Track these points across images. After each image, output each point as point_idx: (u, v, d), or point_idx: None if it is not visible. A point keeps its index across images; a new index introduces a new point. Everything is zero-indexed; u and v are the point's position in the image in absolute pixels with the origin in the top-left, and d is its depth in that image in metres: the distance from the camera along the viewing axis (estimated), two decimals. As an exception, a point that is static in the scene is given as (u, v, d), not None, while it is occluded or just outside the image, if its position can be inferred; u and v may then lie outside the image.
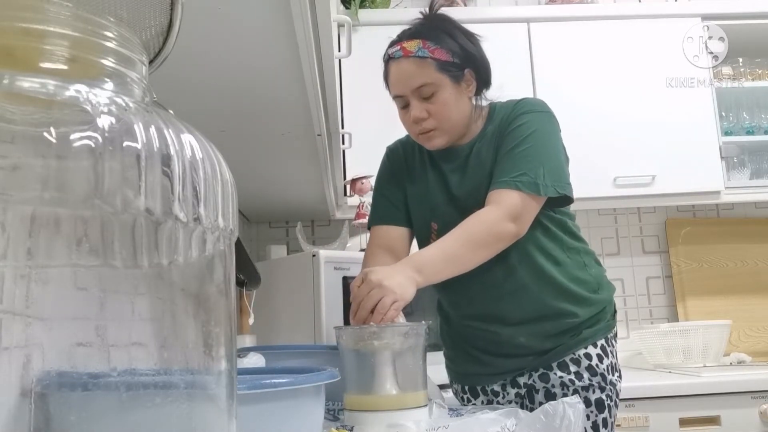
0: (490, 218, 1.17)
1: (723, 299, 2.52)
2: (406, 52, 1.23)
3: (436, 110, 1.24)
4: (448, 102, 1.24)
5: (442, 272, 1.15)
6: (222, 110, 1.23)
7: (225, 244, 0.42)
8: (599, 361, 1.26)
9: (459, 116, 1.27)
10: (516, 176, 1.19)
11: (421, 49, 1.22)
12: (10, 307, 0.34)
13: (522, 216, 1.18)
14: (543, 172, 1.19)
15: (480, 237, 1.16)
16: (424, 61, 1.22)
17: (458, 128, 1.29)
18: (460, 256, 1.15)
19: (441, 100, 1.23)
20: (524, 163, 1.20)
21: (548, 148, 1.24)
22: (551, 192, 1.20)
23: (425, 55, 1.22)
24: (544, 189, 1.19)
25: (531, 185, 1.18)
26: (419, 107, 1.24)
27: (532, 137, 1.22)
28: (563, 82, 2.28)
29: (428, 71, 1.22)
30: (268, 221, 2.57)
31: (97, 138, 0.34)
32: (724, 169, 2.31)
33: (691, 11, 2.39)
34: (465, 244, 1.15)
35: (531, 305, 1.27)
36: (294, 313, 1.77)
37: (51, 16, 0.37)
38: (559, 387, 1.25)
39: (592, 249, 1.38)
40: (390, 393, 0.98)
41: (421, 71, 1.22)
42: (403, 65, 1.24)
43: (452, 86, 1.24)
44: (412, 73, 1.23)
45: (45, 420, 0.36)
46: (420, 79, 1.23)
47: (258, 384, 0.71)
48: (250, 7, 0.83)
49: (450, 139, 1.29)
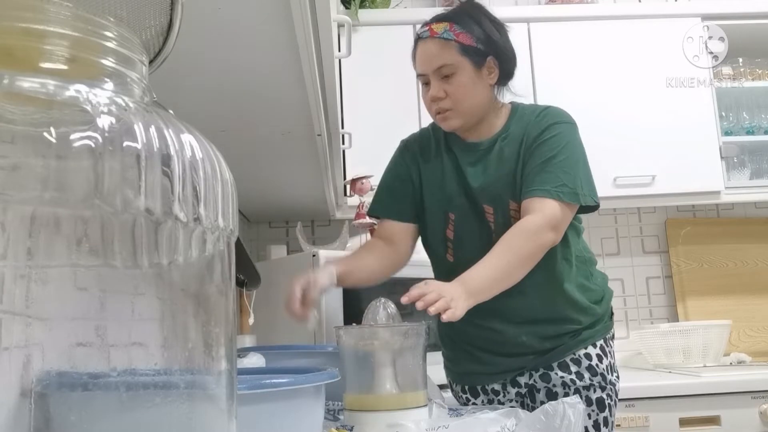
0: (533, 229, 1.19)
1: (723, 299, 2.52)
2: (433, 32, 1.28)
3: (453, 91, 1.27)
4: (465, 85, 1.27)
5: (493, 291, 1.17)
6: (222, 110, 1.23)
7: (225, 244, 0.42)
8: (599, 361, 1.28)
9: (475, 101, 1.29)
10: (557, 186, 1.22)
11: (447, 31, 1.27)
12: (10, 307, 0.34)
13: (560, 225, 1.22)
14: (581, 182, 1.24)
15: (526, 250, 1.18)
16: (448, 42, 1.26)
17: (474, 113, 1.30)
18: (511, 275, 1.18)
19: (458, 81, 1.27)
20: (563, 174, 1.23)
21: (581, 159, 1.28)
22: (589, 201, 1.25)
23: (450, 38, 1.26)
24: (583, 198, 1.24)
25: (571, 195, 1.22)
26: (437, 86, 1.28)
27: (567, 148, 1.26)
28: (563, 82, 2.27)
29: (450, 53, 1.26)
30: (268, 221, 2.57)
31: (97, 138, 0.34)
32: (724, 169, 2.31)
33: (691, 11, 2.39)
34: (515, 261, 1.17)
35: (537, 307, 1.28)
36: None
37: (51, 16, 0.37)
38: (560, 386, 1.27)
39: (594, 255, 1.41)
40: (390, 393, 0.98)
41: (443, 52, 1.26)
42: (428, 45, 1.28)
43: (472, 70, 1.27)
44: (435, 53, 1.27)
45: (45, 420, 0.36)
46: (441, 60, 1.26)
47: (258, 384, 0.71)
48: (250, 7, 0.83)
49: (466, 122, 1.31)
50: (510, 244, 1.18)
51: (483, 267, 1.15)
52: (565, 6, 2.43)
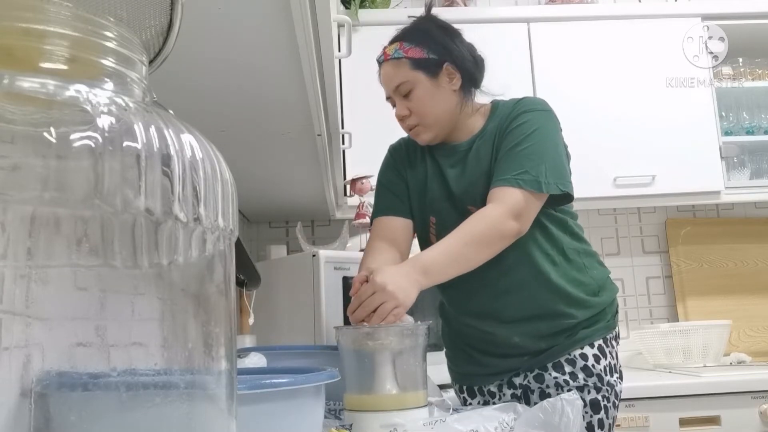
0: (492, 216, 1.17)
1: (723, 299, 2.52)
2: (386, 55, 1.31)
3: (415, 107, 1.29)
4: (425, 97, 1.28)
5: (446, 272, 1.16)
6: (222, 110, 1.23)
7: (225, 244, 0.42)
8: (596, 362, 1.26)
9: (439, 110, 1.29)
10: (517, 174, 1.20)
11: (397, 51, 1.29)
12: (10, 307, 0.34)
13: (524, 214, 1.19)
14: (545, 169, 1.20)
15: (483, 235, 1.17)
16: (399, 61, 1.28)
17: (443, 122, 1.30)
18: (463, 255, 1.16)
19: (417, 96, 1.28)
20: (526, 161, 1.21)
21: (549, 146, 1.25)
22: (553, 189, 1.21)
23: (400, 56, 1.28)
24: (546, 186, 1.20)
25: (533, 183, 1.19)
26: (401, 105, 1.31)
27: (533, 136, 1.23)
28: (563, 82, 2.27)
29: (403, 71, 1.28)
30: (268, 221, 2.57)
31: (97, 138, 0.34)
32: (724, 169, 2.31)
33: (691, 11, 2.39)
34: (468, 243, 1.16)
35: (526, 305, 1.27)
36: (294, 313, 1.77)
37: (51, 16, 0.37)
38: (554, 387, 1.25)
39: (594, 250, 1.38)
40: (390, 393, 0.98)
41: (397, 71, 1.29)
42: (385, 68, 1.32)
43: (428, 82, 1.28)
44: (390, 75, 1.30)
45: (45, 420, 0.36)
46: (396, 79, 1.29)
47: (258, 384, 0.71)
48: (250, 7, 0.83)
49: (438, 133, 1.31)
50: (465, 227, 1.17)
51: (437, 248, 1.16)
52: (565, 6, 2.43)
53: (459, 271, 1.18)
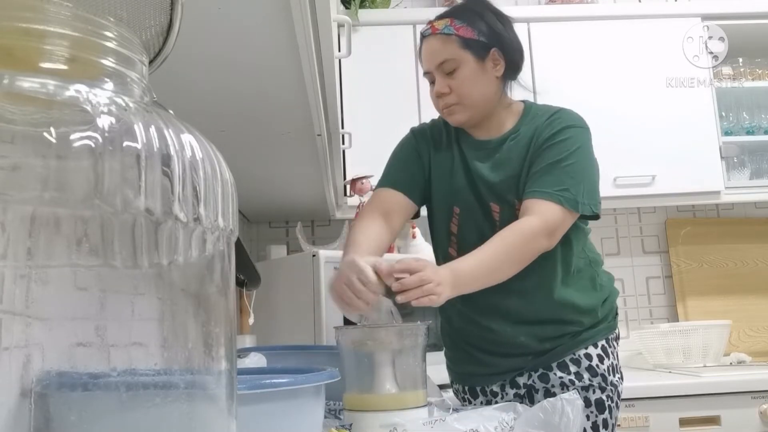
0: (530, 233, 1.17)
1: (723, 299, 2.52)
2: (434, 29, 1.28)
3: (457, 85, 1.27)
4: (469, 78, 1.27)
5: (478, 285, 1.16)
6: (222, 110, 1.23)
7: (225, 244, 0.42)
8: (599, 362, 1.27)
9: (481, 93, 1.29)
10: (560, 191, 1.21)
11: (447, 27, 1.27)
12: (10, 307, 0.34)
13: (557, 232, 1.21)
14: (583, 189, 1.23)
15: (517, 252, 1.17)
16: (448, 37, 1.26)
17: (481, 106, 1.30)
18: (498, 271, 1.17)
19: (462, 75, 1.27)
20: (568, 178, 1.22)
21: (589, 167, 1.27)
22: (587, 210, 1.23)
23: (450, 32, 1.26)
24: (582, 207, 1.22)
25: (572, 202, 1.21)
26: (442, 82, 1.28)
27: (576, 154, 1.25)
28: (563, 82, 2.27)
29: (451, 47, 1.26)
30: (268, 221, 2.57)
31: (97, 138, 0.34)
32: (724, 169, 2.31)
33: (691, 11, 2.39)
34: (505, 258, 1.16)
35: (536, 308, 1.27)
36: (294, 313, 1.77)
37: (51, 16, 0.37)
38: (559, 387, 1.26)
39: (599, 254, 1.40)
40: (390, 393, 0.98)
41: (444, 47, 1.27)
42: (431, 42, 1.29)
43: (475, 63, 1.27)
44: (437, 50, 1.28)
45: (45, 420, 0.36)
46: (443, 55, 1.27)
47: (258, 384, 0.71)
48: (250, 7, 0.83)
49: (473, 116, 1.30)
50: (505, 242, 1.17)
51: (474, 259, 1.15)
52: (565, 6, 2.43)
53: (490, 284, 1.18)
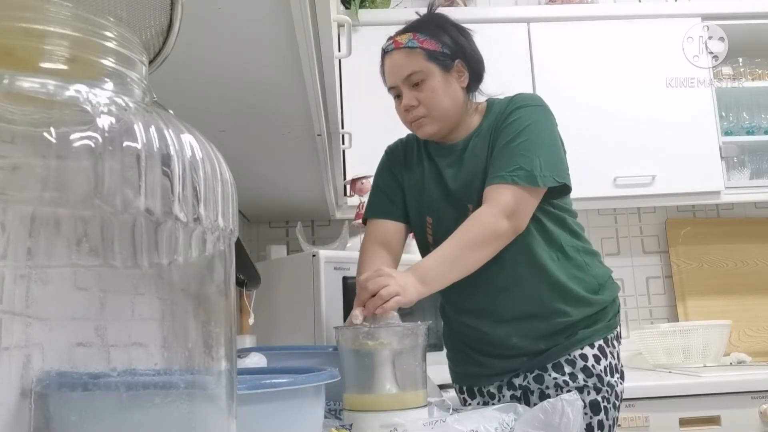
0: (485, 218, 1.18)
1: (723, 299, 2.52)
2: (397, 44, 1.29)
3: (425, 97, 1.27)
4: (436, 89, 1.27)
5: (444, 278, 1.17)
6: (222, 110, 1.23)
7: (225, 244, 0.42)
8: (596, 362, 1.25)
9: (449, 104, 1.29)
10: (512, 170, 1.20)
11: (411, 40, 1.27)
12: (10, 307, 0.34)
13: (517, 212, 1.19)
14: (539, 163, 1.20)
15: (477, 237, 1.17)
16: (413, 51, 1.27)
17: (449, 117, 1.30)
18: (460, 260, 1.17)
19: (429, 87, 1.27)
20: (519, 156, 1.21)
21: (544, 140, 1.25)
22: (550, 182, 1.21)
23: (414, 45, 1.27)
24: (542, 180, 1.20)
25: (528, 177, 1.19)
26: (409, 95, 1.28)
27: (527, 131, 1.24)
28: (563, 82, 2.27)
29: (417, 60, 1.27)
30: (268, 221, 2.57)
31: (97, 138, 0.34)
32: (724, 169, 2.31)
33: (691, 11, 2.39)
34: (464, 246, 1.17)
35: (523, 302, 1.26)
36: (294, 313, 1.77)
37: (51, 16, 0.37)
38: (553, 388, 1.24)
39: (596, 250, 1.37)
40: (390, 393, 0.98)
41: (410, 60, 1.27)
42: (395, 57, 1.29)
43: (441, 75, 1.27)
44: (402, 63, 1.28)
45: (45, 420, 0.36)
46: (409, 68, 1.27)
47: (258, 384, 0.71)
48: (250, 7, 0.83)
49: (442, 127, 1.31)
50: (460, 232, 1.18)
51: (433, 255, 1.17)
52: (565, 6, 2.43)
53: (458, 275, 1.18)
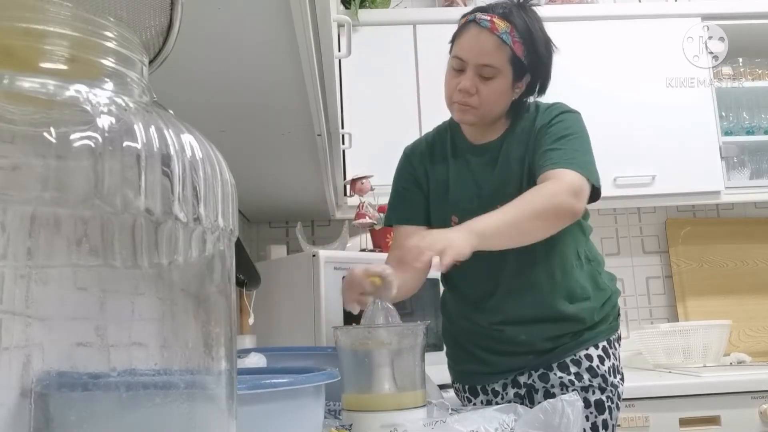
0: (553, 190, 1.15)
1: (723, 299, 2.52)
2: (494, 27, 1.22)
3: (487, 93, 1.25)
4: (499, 92, 1.26)
5: (499, 237, 1.12)
6: (222, 110, 1.23)
7: (225, 244, 0.42)
8: (600, 363, 1.26)
9: (500, 108, 1.30)
10: (569, 159, 1.20)
11: (507, 34, 1.22)
12: (10, 307, 0.34)
13: (580, 193, 1.17)
14: (589, 161, 1.23)
15: (541, 207, 1.13)
16: (504, 46, 1.23)
17: (491, 117, 1.31)
18: (519, 224, 1.12)
19: (495, 86, 1.25)
20: (573, 150, 1.22)
21: (589, 146, 1.27)
22: (595, 180, 1.22)
23: (508, 41, 1.22)
24: (591, 175, 1.20)
25: (584, 169, 1.19)
26: (473, 80, 1.24)
27: (577, 132, 1.26)
28: (563, 82, 2.26)
29: (501, 56, 1.23)
30: (268, 221, 2.57)
31: (97, 138, 0.34)
32: (724, 169, 2.31)
33: (691, 11, 2.39)
34: (525, 212, 1.12)
35: (538, 305, 1.27)
36: (294, 313, 1.77)
37: (51, 16, 0.37)
38: (558, 387, 1.25)
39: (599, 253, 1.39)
40: (388, 393, 0.98)
41: (496, 52, 1.23)
42: (485, 37, 1.23)
43: (510, 81, 1.26)
44: (488, 50, 1.23)
45: (45, 420, 0.35)
46: (491, 59, 1.23)
47: (258, 384, 0.71)
48: (249, 7, 0.83)
49: (480, 122, 1.31)
50: (523, 198, 1.14)
51: (493, 213, 1.13)
52: (565, 6, 2.43)
53: (512, 240, 1.14)
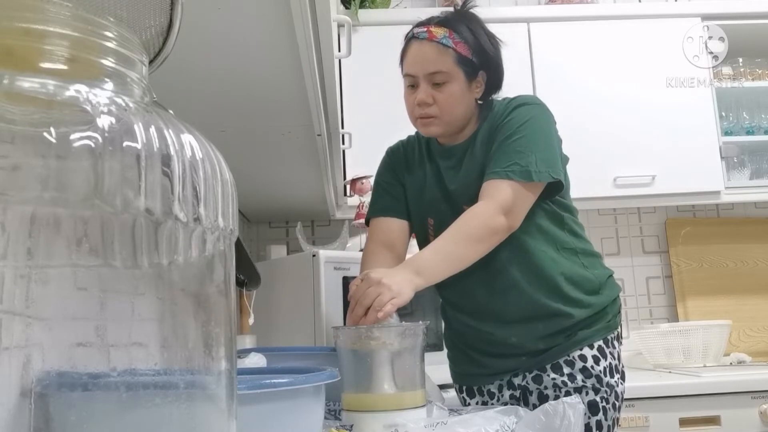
0: (481, 213, 1.18)
1: (723, 299, 2.52)
2: (432, 35, 1.25)
3: (442, 99, 1.26)
4: (455, 95, 1.26)
5: (440, 271, 1.16)
6: (222, 110, 1.23)
7: (225, 244, 0.42)
8: (595, 363, 1.24)
9: (461, 112, 1.29)
10: (507, 166, 1.20)
11: (446, 38, 1.24)
12: (10, 307, 0.34)
13: (514, 208, 1.19)
14: (535, 159, 1.20)
15: (473, 232, 1.17)
16: (446, 49, 1.24)
17: (457, 122, 1.30)
18: (455, 253, 1.16)
19: (449, 90, 1.25)
20: (515, 153, 1.21)
21: (540, 136, 1.24)
22: (545, 177, 1.21)
23: (449, 45, 1.24)
24: (537, 175, 1.19)
25: (523, 173, 1.19)
26: (427, 91, 1.26)
27: (523, 128, 1.24)
28: (563, 83, 2.27)
29: (446, 60, 1.24)
30: (268, 221, 2.57)
31: (97, 138, 0.34)
32: (724, 169, 2.31)
33: (691, 11, 2.39)
34: (459, 240, 1.16)
35: (523, 304, 1.26)
36: (294, 313, 1.77)
37: (51, 16, 0.37)
38: (551, 389, 1.24)
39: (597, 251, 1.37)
40: (388, 393, 0.98)
41: (439, 58, 1.24)
42: (425, 47, 1.25)
43: (464, 82, 1.26)
44: (431, 58, 1.25)
45: (45, 420, 0.36)
46: (437, 66, 1.24)
47: (258, 384, 0.71)
48: (249, 7, 0.83)
49: (446, 130, 1.30)
50: (455, 226, 1.17)
51: (429, 248, 1.17)
52: (565, 6, 2.43)
53: (453, 269, 1.17)
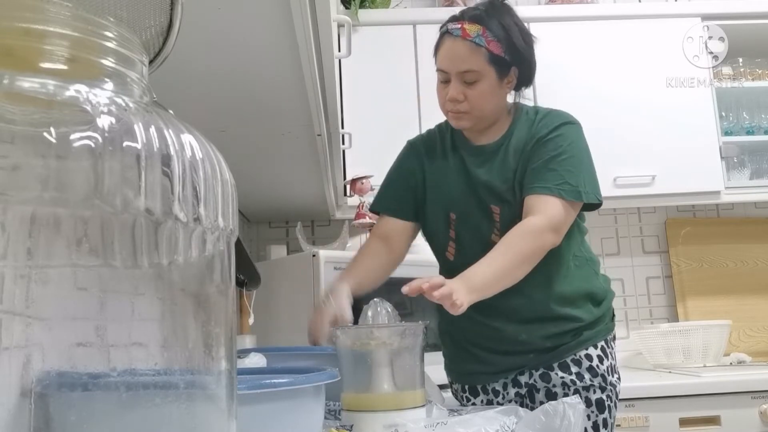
0: (535, 231, 1.19)
1: (723, 299, 2.52)
2: (465, 33, 1.25)
3: (473, 96, 1.27)
4: (486, 92, 1.27)
5: (493, 289, 1.17)
6: (222, 110, 1.23)
7: (225, 244, 0.42)
8: (599, 362, 1.28)
9: (492, 108, 1.30)
10: (559, 184, 1.23)
11: (479, 36, 1.24)
12: (10, 307, 0.34)
13: (562, 227, 1.23)
14: (583, 180, 1.25)
15: (528, 251, 1.19)
16: (478, 48, 1.24)
17: (488, 118, 1.32)
18: (509, 272, 1.18)
19: (480, 89, 1.26)
20: (566, 172, 1.24)
21: (585, 158, 1.29)
22: (592, 198, 1.25)
23: (481, 44, 1.24)
24: (586, 196, 1.24)
25: (574, 193, 1.23)
26: (458, 88, 1.27)
27: (571, 147, 1.27)
28: (563, 82, 2.27)
29: (479, 59, 1.24)
30: (268, 221, 2.57)
31: (97, 138, 0.34)
32: (724, 169, 2.31)
33: (691, 11, 2.39)
34: (516, 260, 1.18)
35: (537, 307, 1.28)
36: (294, 313, 1.77)
37: (51, 16, 0.37)
38: (560, 387, 1.27)
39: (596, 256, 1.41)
40: (387, 393, 0.98)
41: (472, 57, 1.24)
42: (458, 45, 1.25)
43: (495, 80, 1.27)
44: (464, 57, 1.25)
45: (45, 420, 0.36)
46: (468, 64, 1.25)
47: (258, 384, 0.71)
48: (249, 7, 0.83)
49: (476, 124, 1.32)
50: (511, 243, 1.19)
51: (485, 264, 1.16)
52: (565, 6, 2.43)
53: (505, 286, 1.19)
